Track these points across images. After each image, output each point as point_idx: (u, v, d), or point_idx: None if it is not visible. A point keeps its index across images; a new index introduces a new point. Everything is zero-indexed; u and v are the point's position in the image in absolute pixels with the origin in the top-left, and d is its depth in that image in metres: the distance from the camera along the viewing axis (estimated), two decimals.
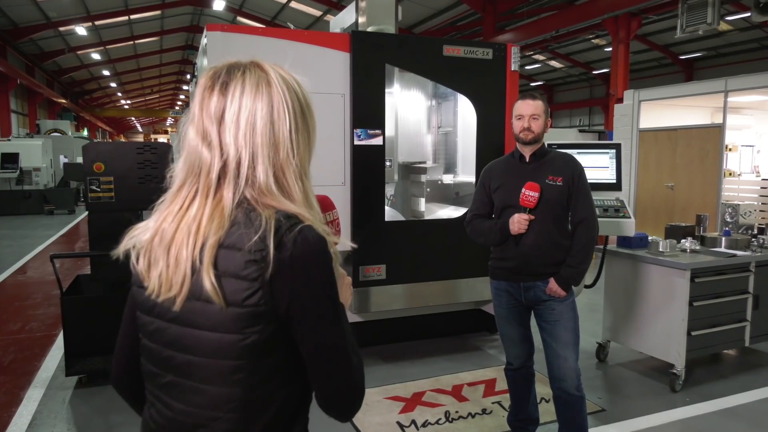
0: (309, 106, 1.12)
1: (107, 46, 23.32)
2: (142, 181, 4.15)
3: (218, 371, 1.02)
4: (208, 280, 0.99)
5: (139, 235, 1.10)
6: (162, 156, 4.15)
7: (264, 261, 0.97)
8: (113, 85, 33.37)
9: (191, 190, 1.05)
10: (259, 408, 1.04)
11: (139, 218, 4.29)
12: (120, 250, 1.11)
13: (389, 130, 4.67)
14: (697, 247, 4.30)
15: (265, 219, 1.00)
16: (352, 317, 4.30)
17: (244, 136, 1.03)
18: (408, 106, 5.22)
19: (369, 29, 4.48)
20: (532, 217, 2.82)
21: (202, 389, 1.03)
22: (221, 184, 1.03)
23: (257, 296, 0.98)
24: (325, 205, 1.37)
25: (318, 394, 1.06)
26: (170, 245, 1.04)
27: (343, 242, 1.08)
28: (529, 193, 2.80)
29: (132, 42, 23.67)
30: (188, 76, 26.52)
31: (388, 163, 4.37)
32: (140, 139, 47.92)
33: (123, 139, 46.60)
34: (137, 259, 1.09)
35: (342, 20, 4.86)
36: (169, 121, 46.52)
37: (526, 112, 2.89)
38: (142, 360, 1.14)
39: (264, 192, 1.03)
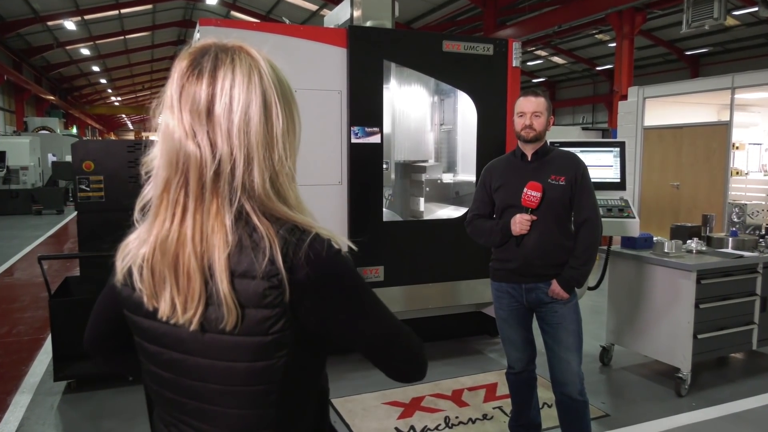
0: (295, 100, 1.05)
1: (97, 42, 23.28)
2: (133, 180, 4.14)
3: (250, 396, 1.00)
4: (228, 291, 0.93)
5: (136, 250, 1.02)
6: None
7: (281, 285, 0.94)
8: (103, 81, 33.34)
9: (180, 194, 0.96)
10: (292, 419, 1.04)
11: (130, 217, 4.28)
12: (119, 273, 1.04)
13: (386, 127, 4.67)
14: (704, 248, 4.31)
15: (269, 239, 0.94)
16: None
17: (239, 135, 0.95)
18: (408, 102, 5.22)
19: (366, 24, 4.48)
20: (534, 218, 2.83)
21: (232, 414, 1.01)
22: (215, 189, 0.95)
23: (282, 323, 0.96)
24: None
25: (387, 374, 1.09)
26: (175, 261, 0.96)
27: (342, 242, 1.06)
28: (531, 193, 2.81)
29: (123, 37, 23.64)
30: None
31: (384, 166, 4.36)
32: (131, 137, 47.82)
33: (113, 137, 46.53)
34: (140, 279, 1.01)
35: (337, 16, 4.86)
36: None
37: (528, 110, 2.90)
38: (149, 384, 1.10)
39: (262, 198, 0.96)
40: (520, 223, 2.83)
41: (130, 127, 55.37)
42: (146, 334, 1.04)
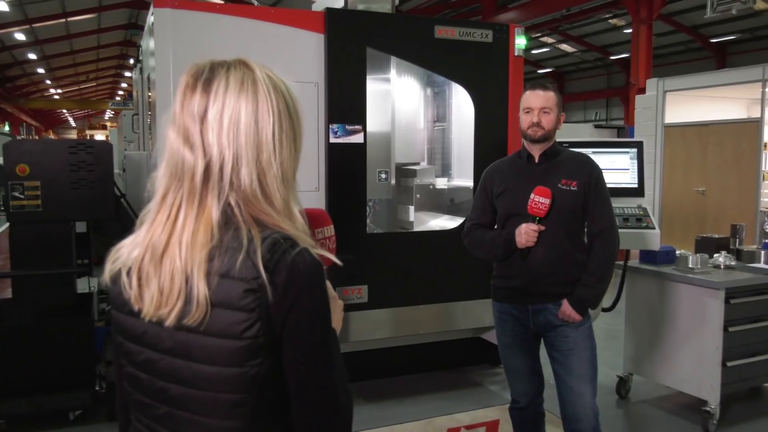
0: (296, 110, 1.25)
1: (33, 25, 23.08)
2: (76, 187, 4.10)
3: (218, 404, 1.13)
4: (202, 287, 1.09)
5: (128, 253, 1.19)
6: (100, 156, 4.11)
7: (261, 289, 1.09)
8: (41, 71, 33.06)
9: (177, 198, 1.15)
10: None
11: (71, 230, 4.25)
12: (106, 275, 1.21)
13: (383, 126, 4.68)
14: (733, 263, 4.36)
15: (254, 242, 1.10)
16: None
17: (228, 136, 1.14)
18: (397, 97, 5.24)
19: (359, 8, 4.48)
20: (542, 228, 2.83)
21: (200, 422, 1.16)
22: (205, 188, 1.14)
23: (256, 327, 1.10)
24: (319, 220, 1.48)
25: (297, 426, 1.18)
26: (162, 259, 1.14)
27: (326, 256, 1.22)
28: (539, 200, 2.81)
29: (64, 20, 23.49)
30: (131, 61, 26.39)
31: (383, 176, 4.37)
32: (73, 135, 47.37)
33: (52, 136, 46.13)
34: (128, 281, 1.17)
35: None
36: (109, 113, 46.19)
37: (535, 105, 2.91)
38: (127, 387, 1.26)
39: (249, 198, 1.15)
40: (526, 233, 2.83)
41: (73, 124, 54.96)
42: (128, 332, 1.21)
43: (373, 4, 4.55)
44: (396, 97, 5.07)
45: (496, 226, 3.06)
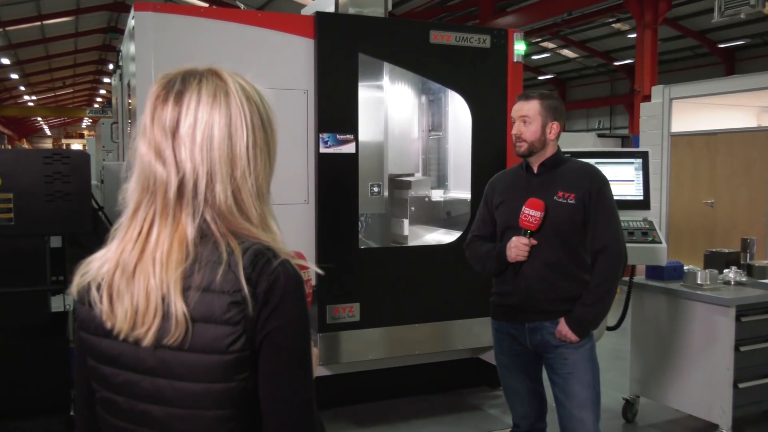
0: (270, 120, 1.26)
1: (7, 28, 23.09)
2: (51, 199, 4.08)
3: (204, 422, 1.15)
4: (180, 305, 1.11)
5: (98, 268, 1.20)
6: (77, 167, 4.10)
7: (244, 302, 1.11)
8: (14, 76, 33.00)
9: (149, 213, 1.17)
10: None
11: (45, 245, 4.23)
12: (74, 288, 1.22)
13: (378, 135, 4.69)
14: (744, 279, 4.37)
15: (233, 254, 1.13)
16: (317, 370, 4.26)
17: (201, 151, 1.16)
18: (394, 104, 5.26)
19: (351, 11, 4.50)
20: (534, 242, 2.85)
21: None
22: (179, 205, 1.16)
23: (242, 341, 1.12)
24: None
25: None
26: (134, 276, 1.15)
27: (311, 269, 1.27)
28: (530, 212, 2.83)
29: (39, 23, 23.50)
30: (111, 67, 26.39)
31: (375, 189, 4.38)
32: (48, 145, 47.31)
33: (26, 146, 46.01)
34: (98, 297, 1.18)
35: (322, 3, 4.85)
36: (86, 122, 46.13)
37: (516, 115, 2.97)
38: (100, 413, 1.26)
39: (224, 213, 1.17)
40: (516, 247, 2.85)
41: (48, 132, 54.82)
42: (103, 355, 1.21)
43: (365, 8, 4.57)
44: (389, 105, 5.09)
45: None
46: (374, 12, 4.60)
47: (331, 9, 4.62)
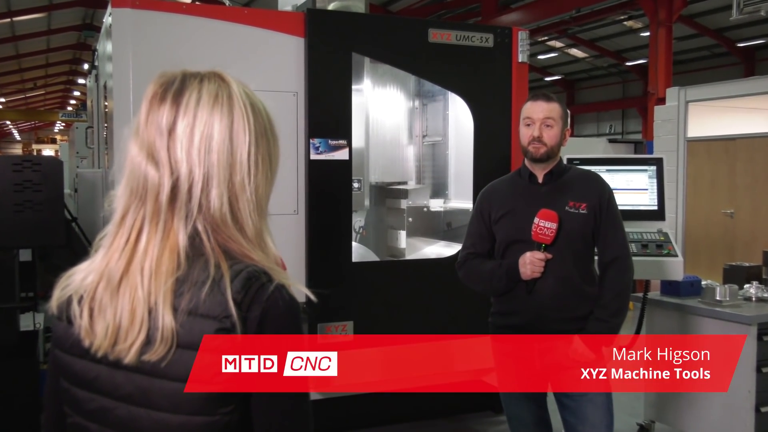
0: (274, 132, 1.26)
1: None
2: (20, 209, 4.08)
3: None
4: (168, 319, 1.09)
5: (80, 280, 1.18)
6: (49, 175, 4.10)
7: (233, 328, 1.10)
8: None
9: (137, 219, 1.15)
10: None
11: (14, 258, 4.22)
12: (54, 302, 1.20)
13: (357, 140, 4.69)
14: (766, 295, 4.38)
15: (222, 276, 1.11)
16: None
17: (198, 153, 1.15)
18: (381, 107, 5.28)
19: (330, 7, 4.54)
20: (549, 256, 2.84)
21: None
22: (171, 210, 1.15)
23: None
24: None
25: None
26: (120, 288, 1.13)
27: (299, 290, 1.21)
28: (545, 224, 2.81)
29: (9, 19, 23.52)
30: (86, 67, 26.39)
31: (356, 185, 4.38)
32: (18, 151, 47.25)
33: None
34: (78, 311, 1.16)
35: None
36: (59, 126, 46.12)
37: (537, 116, 2.92)
38: None
39: (218, 223, 1.16)
40: (531, 263, 2.83)
41: (17, 137, 54.77)
42: (77, 377, 1.19)
43: (347, 1, 4.59)
44: (371, 109, 5.07)
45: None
46: (354, 7, 4.60)
47: (303, 1, 4.62)
